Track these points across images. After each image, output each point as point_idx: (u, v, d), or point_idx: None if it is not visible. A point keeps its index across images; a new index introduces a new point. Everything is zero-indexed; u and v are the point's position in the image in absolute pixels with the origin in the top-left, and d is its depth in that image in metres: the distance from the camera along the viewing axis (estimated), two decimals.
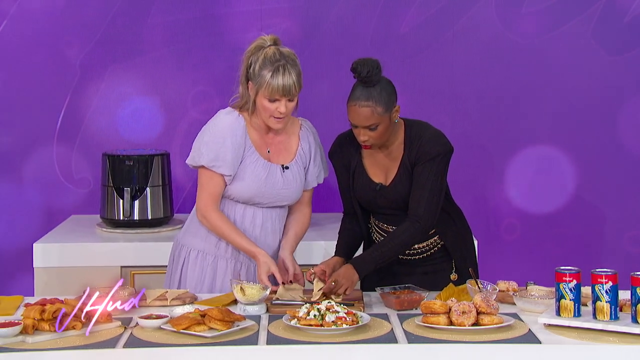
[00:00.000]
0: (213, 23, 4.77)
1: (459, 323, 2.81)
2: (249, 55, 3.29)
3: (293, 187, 3.40)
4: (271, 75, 3.21)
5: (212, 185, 3.33)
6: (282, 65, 3.21)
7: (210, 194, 3.34)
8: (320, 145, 3.48)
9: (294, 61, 3.26)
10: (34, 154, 4.79)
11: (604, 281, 2.79)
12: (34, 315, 2.78)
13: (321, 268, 3.26)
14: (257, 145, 3.36)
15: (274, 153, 3.38)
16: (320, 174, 3.48)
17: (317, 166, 3.46)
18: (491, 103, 4.85)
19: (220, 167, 3.30)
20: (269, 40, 3.29)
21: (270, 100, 3.24)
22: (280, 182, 3.36)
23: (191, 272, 3.43)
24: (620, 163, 4.85)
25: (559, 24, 4.80)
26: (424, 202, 3.28)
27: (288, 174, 3.38)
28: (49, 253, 4.15)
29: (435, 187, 3.29)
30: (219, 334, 2.76)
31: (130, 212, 4.38)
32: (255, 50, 3.28)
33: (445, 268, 3.44)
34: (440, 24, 4.79)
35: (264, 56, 3.24)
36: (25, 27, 4.73)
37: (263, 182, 3.34)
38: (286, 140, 3.41)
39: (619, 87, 4.82)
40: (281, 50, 3.26)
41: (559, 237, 4.88)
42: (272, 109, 3.25)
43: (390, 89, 3.25)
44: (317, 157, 3.45)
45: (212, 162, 3.30)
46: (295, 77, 3.23)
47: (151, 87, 4.80)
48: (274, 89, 3.21)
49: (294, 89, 3.23)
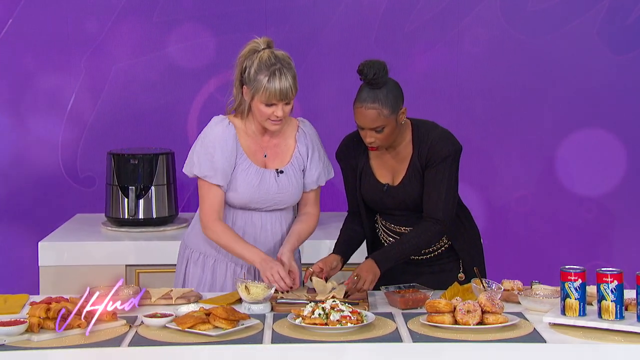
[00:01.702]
0: (217, 22, 4.77)
1: (464, 322, 2.81)
2: (242, 59, 3.25)
3: (289, 191, 3.37)
4: (268, 80, 3.16)
5: (212, 196, 3.30)
6: (278, 70, 3.17)
7: (211, 204, 3.30)
8: (320, 145, 3.44)
9: (289, 64, 3.22)
10: (39, 152, 4.80)
11: (609, 280, 2.79)
12: (40, 314, 2.78)
13: (319, 266, 3.26)
14: (250, 152, 3.32)
15: (270, 157, 3.36)
16: (322, 175, 3.43)
17: (317, 167, 3.41)
18: (497, 102, 4.84)
19: (213, 178, 3.28)
20: (263, 43, 3.24)
21: (267, 105, 3.20)
22: (275, 187, 3.34)
23: (193, 273, 3.43)
24: (629, 160, 4.84)
25: (565, 23, 4.79)
26: (442, 204, 3.28)
27: (283, 178, 3.35)
28: (54, 252, 4.16)
29: (450, 187, 3.29)
30: (223, 333, 2.76)
31: (135, 210, 4.39)
32: (249, 53, 3.24)
33: (452, 268, 3.44)
34: (445, 22, 4.79)
35: (259, 60, 3.19)
36: (30, 25, 4.74)
37: (256, 188, 3.31)
38: (282, 143, 3.38)
39: (622, 86, 4.81)
40: (276, 54, 3.21)
41: (564, 236, 4.88)
42: (268, 112, 3.21)
43: (396, 91, 3.24)
44: (315, 158, 3.40)
45: (204, 173, 3.28)
46: (291, 80, 3.19)
47: (156, 86, 4.80)
48: (271, 93, 3.17)
49: (291, 93, 3.20)
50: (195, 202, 3.57)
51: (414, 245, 3.29)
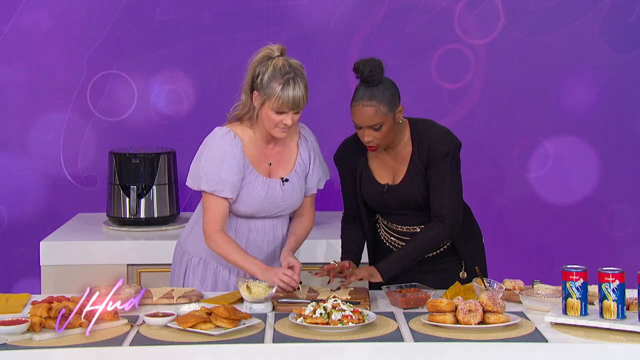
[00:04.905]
0: (219, 22, 4.77)
1: (465, 322, 2.81)
2: (255, 65, 3.22)
3: (294, 198, 3.37)
4: (281, 88, 3.15)
5: (216, 207, 3.27)
6: (292, 78, 3.16)
7: (214, 215, 3.27)
8: (318, 151, 3.44)
9: (302, 73, 3.20)
10: (41, 151, 4.80)
11: (611, 280, 2.79)
12: (41, 313, 2.79)
13: (331, 265, 3.28)
14: (256, 162, 3.31)
15: (274, 165, 3.35)
16: (321, 179, 3.45)
17: (317, 173, 3.42)
18: (498, 101, 4.84)
19: (223, 192, 3.25)
20: (277, 50, 3.22)
21: (277, 112, 3.19)
22: (280, 195, 3.33)
23: (193, 279, 3.42)
24: (633, 160, 4.84)
25: (566, 22, 4.79)
26: (446, 202, 3.28)
27: (288, 187, 3.34)
28: (55, 251, 4.16)
29: (453, 184, 3.29)
30: (225, 332, 2.76)
31: (136, 210, 4.39)
32: (262, 59, 3.21)
33: (454, 267, 3.44)
34: (446, 22, 4.78)
35: (273, 67, 3.17)
36: (33, 26, 4.74)
37: (263, 199, 3.31)
38: (285, 150, 3.37)
39: (625, 85, 4.81)
40: (290, 62, 3.20)
41: (565, 235, 4.88)
42: (277, 120, 3.20)
43: (393, 89, 3.24)
44: (317, 164, 3.42)
45: (213, 187, 3.25)
46: (303, 90, 3.18)
47: (157, 86, 4.80)
48: (284, 102, 3.16)
49: (302, 103, 3.19)
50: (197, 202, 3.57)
51: (418, 247, 3.29)
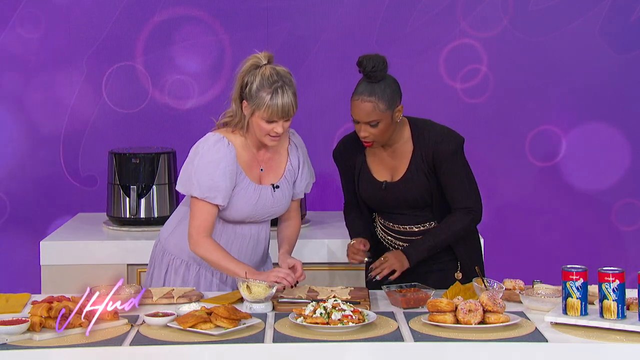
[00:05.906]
0: (219, 21, 4.77)
1: (466, 321, 2.81)
2: (243, 74, 3.21)
3: (283, 204, 3.38)
4: (270, 98, 3.14)
5: (205, 213, 3.26)
6: (280, 87, 3.14)
7: (203, 221, 3.26)
8: (306, 156, 3.44)
9: (291, 81, 3.19)
10: (41, 151, 4.80)
11: (611, 279, 2.79)
12: (41, 313, 2.79)
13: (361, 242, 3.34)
14: (248, 168, 3.31)
15: (265, 171, 3.35)
16: (309, 184, 3.46)
17: (306, 178, 3.43)
18: (498, 101, 4.84)
19: (215, 199, 3.24)
20: (264, 58, 3.20)
21: (267, 121, 3.18)
22: (271, 201, 3.34)
23: (174, 280, 3.41)
24: (625, 164, 4.84)
25: (567, 22, 4.79)
26: (470, 192, 3.34)
27: (278, 193, 3.35)
28: (55, 251, 4.16)
29: (468, 176, 3.35)
30: (225, 332, 2.76)
31: (136, 210, 4.39)
32: (251, 69, 3.20)
33: (451, 267, 3.44)
34: (446, 22, 4.78)
35: (260, 76, 3.16)
36: (32, 26, 4.74)
37: (254, 206, 3.31)
38: (276, 157, 3.37)
39: (625, 85, 4.81)
40: (277, 70, 3.18)
41: (565, 235, 4.88)
42: (268, 129, 3.19)
43: (394, 87, 3.24)
44: (305, 170, 3.42)
45: (205, 194, 3.23)
46: (292, 97, 3.17)
47: (156, 86, 4.80)
48: (273, 111, 3.15)
49: (292, 110, 3.18)
50: None
51: (448, 237, 3.34)
